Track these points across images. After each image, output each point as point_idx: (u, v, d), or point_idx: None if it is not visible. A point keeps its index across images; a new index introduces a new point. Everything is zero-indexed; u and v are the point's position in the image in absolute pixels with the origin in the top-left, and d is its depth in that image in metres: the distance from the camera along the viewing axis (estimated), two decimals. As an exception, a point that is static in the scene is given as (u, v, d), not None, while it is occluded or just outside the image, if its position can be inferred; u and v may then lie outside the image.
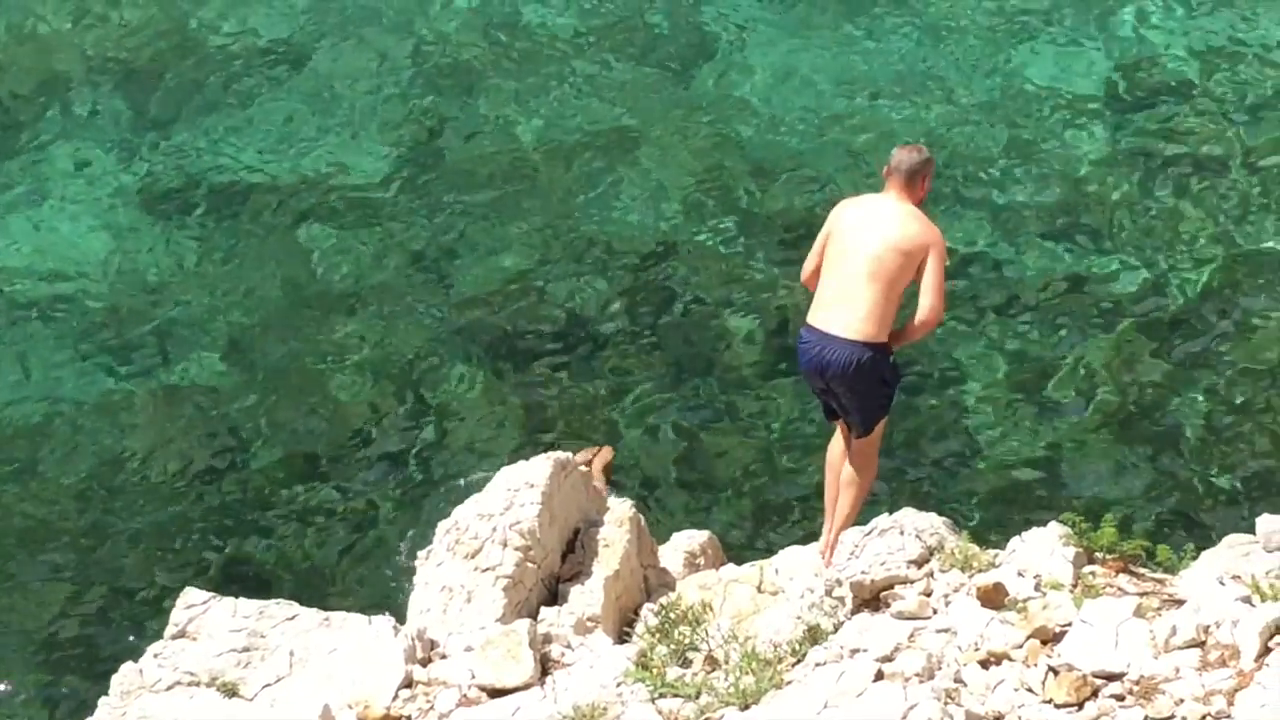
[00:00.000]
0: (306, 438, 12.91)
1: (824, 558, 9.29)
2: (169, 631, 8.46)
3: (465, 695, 7.77)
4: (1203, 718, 6.09)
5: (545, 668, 8.00)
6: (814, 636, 7.49)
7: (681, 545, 10.21)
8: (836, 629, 7.50)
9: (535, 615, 8.74)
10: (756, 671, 7.22)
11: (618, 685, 7.58)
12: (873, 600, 7.60)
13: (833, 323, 9.09)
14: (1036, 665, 6.55)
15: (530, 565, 8.88)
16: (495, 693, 7.82)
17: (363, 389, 13.21)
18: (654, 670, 7.66)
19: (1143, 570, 7.29)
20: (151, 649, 8.43)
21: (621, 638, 8.76)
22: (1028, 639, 6.73)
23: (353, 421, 12.97)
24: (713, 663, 7.75)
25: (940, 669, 6.73)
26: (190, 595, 8.61)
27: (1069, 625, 6.69)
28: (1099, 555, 7.33)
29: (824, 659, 7.11)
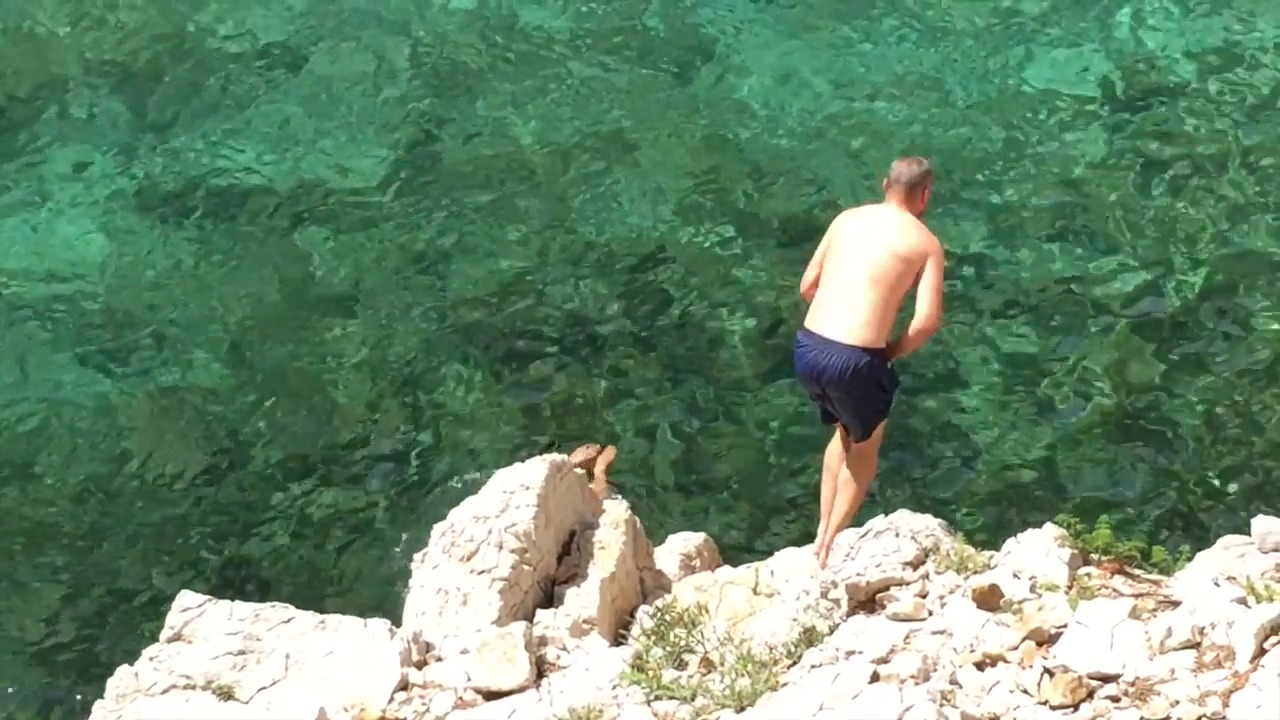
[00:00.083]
0: (304, 440, 12.90)
1: (819, 558, 9.29)
2: (164, 634, 8.45)
3: (461, 698, 7.77)
4: (1198, 719, 6.08)
5: (541, 670, 8.01)
6: (809, 638, 7.49)
7: (677, 547, 10.21)
8: (832, 631, 7.50)
9: (531, 618, 8.73)
10: (752, 673, 7.22)
11: (613, 687, 7.58)
12: (868, 602, 7.60)
13: (831, 327, 9.08)
14: (1032, 667, 6.55)
15: (526, 568, 8.87)
16: (491, 695, 7.82)
17: (360, 391, 13.20)
18: (650, 672, 7.66)
19: (1138, 571, 7.28)
20: (147, 652, 8.42)
21: (617, 640, 8.76)
22: (1023, 640, 6.72)
23: (350, 423, 12.97)
24: (708, 665, 7.75)
25: (936, 671, 6.73)
26: (186, 598, 8.60)
27: (1064, 627, 6.69)
28: (1094, 557, 7.32)
29: (819, 661, 7.11)
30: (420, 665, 8.08)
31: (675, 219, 14.31)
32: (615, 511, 9.51)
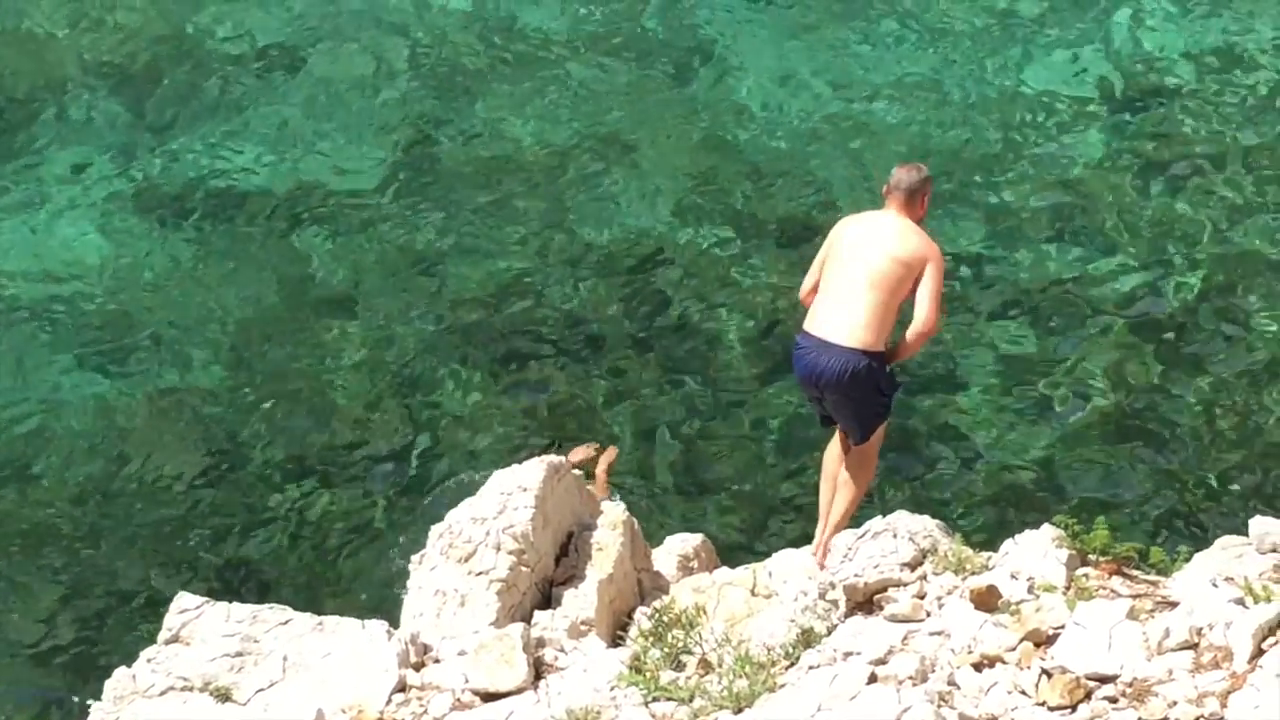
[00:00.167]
0: (302, 441, 12.90)
1: (816, 559, 9.29)
2: (162, 636, 8.44)
3: (459, 699, 7.76)
4: (1195, 719, 6.09)
5: (539, 671, 8.00)
6: (807, 639, 7.49)
7: (675, 548, 10.20)
8: (830, 632, 7.49)
9: (529, 619, 8.72)
10: (750, 675, 7.21)
11: (611, 689, 7.58)
12: (866, 603, 7.60)
13: (830, 329, 9.08)
14: (1030, 668, 6.54)
15: (524, 569, 8.86)
16: (488, 697, 7.81)
17: (359, 392, 13.20)
18: (647, 674, 7.65)
19: (1136, 572, 7.27)
20: (145, 654, 8.40)
21: (615, 641, 8.75)
22: (1021, 641, 6.71)
23: (348, 425, 12.97)
24: (706, 666, 7.74)
25: (934, 672, 6.72)
26: (183, 600, 8.58)
27: (1062, 628, 6.68)
28: (1092, 557, 7.32)
29: (817, 662, 7.11)
30: (418, 667, 8.07)
31: (674, 220, 14.31)
32: (613, 513, 9.50)
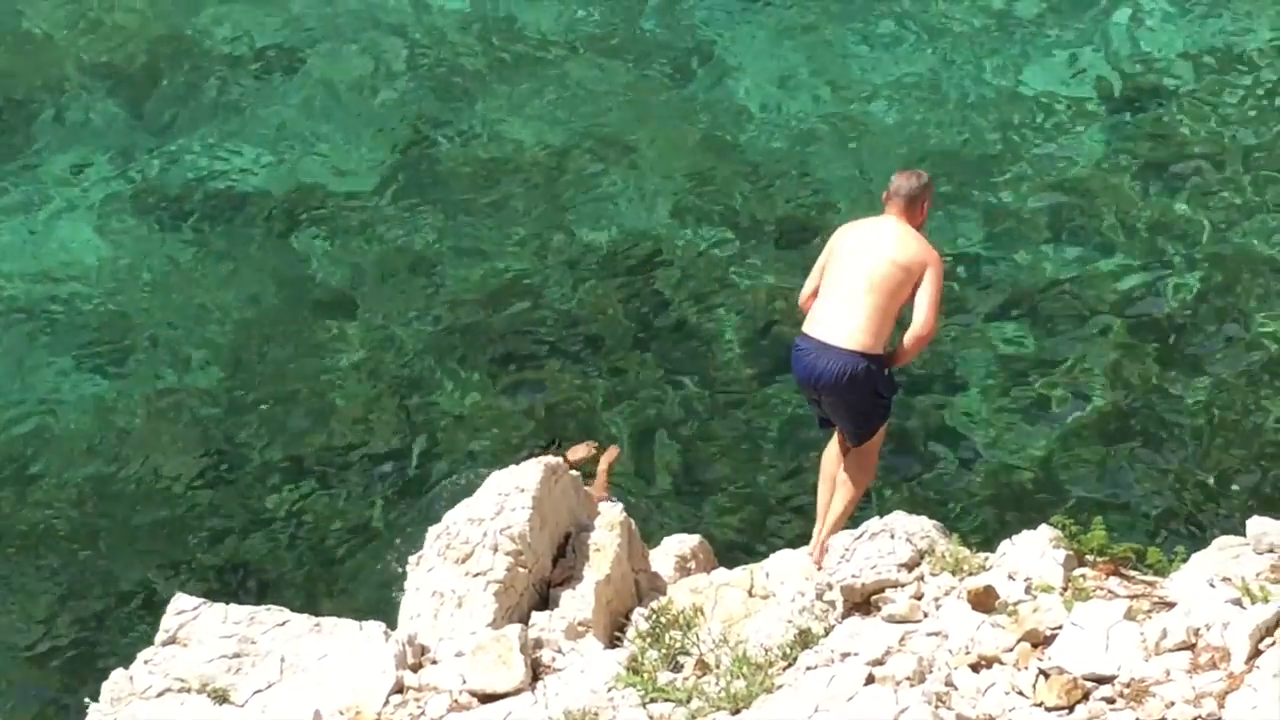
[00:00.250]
0: (300, 442, 12.89)
1: (814, 560, 9.29)
2: (159, 637, 8.44)
3: (456, 701, 7.76)
4: (1193, 720, 6.08)
5: (536, 672, 7.99)
6: (805, 640, 7.48)
7: (672, 549, 10.21)
8: (827, 633, 7.49)
9: (526, 620, 8.72)
10: (747, 675, 7.21)
11: (609, 690, 7.57)
12: (863, 604, 7.59)
13: (830, 332, 9.10)
14: (1027, 668, 6.54)
15: (521, 570, 8.86)
16: (486, 698, 7.81)
17: (357, 393, 13.19)
18: (645, 675, 7.64)
19: (1133, 573, 7.27)
20: (142, 655, 8.40)
21: (612, 642, 8.74)
22: (1018, 642, 6.71)
23: (346, 426, 12.96)
24: (704, 667, 7.74)
25: (931, 672, 6.72)
26: (181, 601, 8.58)
27: (1059, 628, 6.67)
28: (1090, 558, 7.32)
29: (815, 663, 7.10)
30: (415, 668, 8.07)
31: (672, 221, 14.30)
32: (610, 513, 9.50)
